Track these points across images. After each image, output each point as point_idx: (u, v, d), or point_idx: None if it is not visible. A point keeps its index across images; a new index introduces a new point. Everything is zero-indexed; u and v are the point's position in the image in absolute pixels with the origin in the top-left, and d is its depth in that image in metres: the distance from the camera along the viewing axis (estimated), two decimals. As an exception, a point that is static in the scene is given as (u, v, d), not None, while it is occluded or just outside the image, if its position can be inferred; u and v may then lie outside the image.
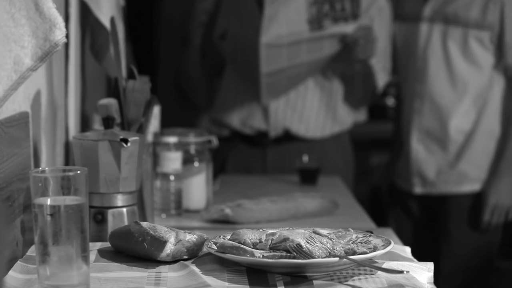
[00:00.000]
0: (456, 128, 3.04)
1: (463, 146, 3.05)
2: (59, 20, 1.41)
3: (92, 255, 1.47)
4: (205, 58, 3.15)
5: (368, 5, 3.05)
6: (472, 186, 3.06)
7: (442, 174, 3.09)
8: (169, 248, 1.43)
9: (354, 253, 1.36)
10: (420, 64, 3.08)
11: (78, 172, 1.26)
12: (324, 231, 1.46)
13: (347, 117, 3.16)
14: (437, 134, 3.07)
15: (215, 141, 2.27)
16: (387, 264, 1.37)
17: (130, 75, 1.85)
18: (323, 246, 1.36)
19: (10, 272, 1.36)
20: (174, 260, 1.44)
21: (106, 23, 2.12)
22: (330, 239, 1.41)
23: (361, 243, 1.42)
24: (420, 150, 3.10)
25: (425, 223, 3.20)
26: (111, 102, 1.77)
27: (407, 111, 3.15)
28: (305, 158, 2.76)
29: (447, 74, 3.04)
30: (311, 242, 1.36)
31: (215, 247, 1.42)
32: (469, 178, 3.06)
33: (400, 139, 3.26)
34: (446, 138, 3.06)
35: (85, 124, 2.37)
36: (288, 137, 3.09)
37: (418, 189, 3.14)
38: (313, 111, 3.08)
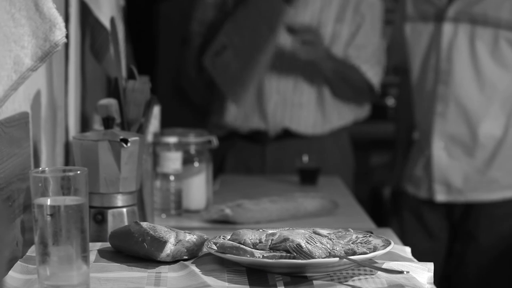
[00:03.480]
0: (486, 134, 2.88)
1: (493, 152, 2.89)
2: (59, 20, 1.41)
3: (92, 255, 1.47)
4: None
5: (358, 1, 3.06)
6: (503, 194, 2.91)
7: (470, 181, 2.91)
8: (169, 248, 1.43)
9: (354, 253, 1.36)
10: (444, 65, 2.90)
11: (78, 172, 1.26)
12: (324, 231, 1.46)
13: (347, 113, 3.16)
14: (464, 139, 2.90)
15: (215, 141, 2.27)
16: (387, 264, 1.37)
17: (130, 75, 1.85)
18: (323, 246, 1.36)
19: (10, 272, 1.36)
20: (174, 260, 1.44)
21: (106, 23, 2.12)
22: (330, 239, 1.41)
23: (361, 243, 1.42)
24: (443, 156, 2.93)
25: (440, 231, 3.02)
26: (111, 102, 1.77)
27: (423, 114, 2.98)
28: (305, 158, 2.76)
29: (474, 77, 2.87)
30: (311, 242, 1.36)
31: (215, 247, 1.42)
32: (500, 185, 2.90)
33: (404, 141, 3.17)
34: (474, 144, 2.89)
35: (85, 124, 2.37)
36: (287, 134, 3.09)
37: (441, 197, 2.96)
38: (312, 108, 3.08)
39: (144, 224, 1.48)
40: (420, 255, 1.63)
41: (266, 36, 3.05)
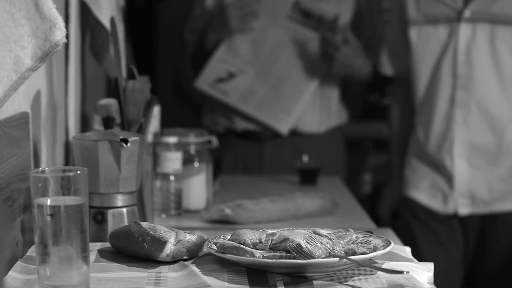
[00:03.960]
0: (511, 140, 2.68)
1: None
2: (59, 20, 1.41)
3: (92, 255, 1.47)
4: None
5: None
6: None
7: (494, 191, 2.71)
8: (169, 248, 1.43)
9: (354, 253, 1.36)
10: (463, 69, 2.68)
11: (78, 172, 1.26)
12: (324, 231, 1.46)
13: (343, 111, 3.17)
14: (488, 147, 2.69)
15: (215, 141, 2.27)
16: (387, 264, 1.37)
17: (130, 75, 1.85)
18: (323, 246, 1.36)
19: (10, 272, 1.36)
20: (174, 260, 1.44)
21: (106, 23, 2.12)
22: (330, 239, 1.41)
23: (361, 243, 1.42)
24: (464, 167, 2.71)
25: (454, 243, 2.80)
26: (111, 102, 1.77)
27: (437, 122, 2.75)
28: (305, 158, 2.76)
29: (496, 79, 2.68)
30: (311, 242, 1.36)
31: (215, 247, 1.42)
32: None
33: (400, 145, 2.96)
34: (499, 152, 2.69)
35: (85, 124, 2.37)
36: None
37: (464, 210, 2.73)
38: (309, 106, 3.08)
39: (144, 224, 1.48)
40: (438, 270, 1.54)
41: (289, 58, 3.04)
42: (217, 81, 3.05)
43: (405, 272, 1.31)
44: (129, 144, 1.64)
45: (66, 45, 2.07)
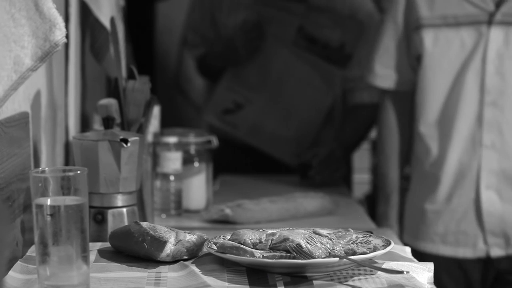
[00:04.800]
0: None
1: None
2: (59, 20, 1.41)
3: (92, 255, 1.47)
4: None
5: (356, 8, 2.97)
6: None
7: None
8: (169, 248, 1.43)
9: (354, 253, 1.36)
10: (493, 82, 2.25)
11: (78, 172, 1.26)
12: (324, 231, 1.46)
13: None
14: None
15: (215, 141, 2.27)
16: (387, 264, 1.37)
17: (130, 75, 1.85)
18: (323, 246, 1.36)
19: (10, 272, 1.36)
20: (174, 260, 1.44)
21: (106, 23, 2.12)
22: (330, 239, 1.41)
23: (361, 243, 1.42)
24: (495, 200, 2.28)
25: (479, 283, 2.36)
26: (111, 102, 1.77)
27: (459, 147, 2.29)
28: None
29: None
30: (311, 242, 1.36)
31: (215, 247, 1.42)
32: None
33: (396, 180, 2.50)
34: None
35: (85, 124, 2.37)
36: None
37: (497, 252, 2.30)
38: None
39: (144, 224, 1.48)
40: None
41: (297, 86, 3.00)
42: (224, 112, 3.01)
43: (405, 272, 1.31)
44: (129, 144, 1.64)
45: (66, 45, 2.07)
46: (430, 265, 1.39)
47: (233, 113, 3.00)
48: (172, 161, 2.14)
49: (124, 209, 1.68)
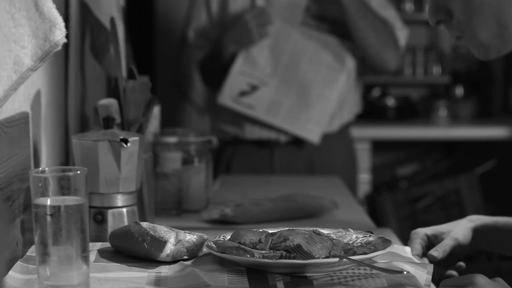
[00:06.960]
0: None
1: None
2: (59, 20, 1.41)
3: (92, 255, 1.47)
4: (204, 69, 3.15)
5: None
6: None
7: None
8: (169, 248, 1.43)
9: (354, 253, 1.36)
10: None
11: (78, 172, 1.26)
12: (324, 231, 1.46)
13: (357, 101, 3.15)
14: None
15: (215, 141, 2.27)
16: (387, 265, 1.37)
17: (130, 75, 1.85)
18: (323, 246, 1.36)
19: (10, 272, 1.36)
20: (174, 260, 1.44)
21: (106, 23, 2.12)
22: (330, 239, 1.41)
23: (361, 243, 1.42)
24: None
25: None
26: (111, 102, 1.77)
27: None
28: None
29: None
30: (311, 242, 1.36)
31: (215, 247, 1.42)
32: None
33: None
34: None
35: (85, 124, 2.37)
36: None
37: None
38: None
39: (144, 224, 1.48)
40: None
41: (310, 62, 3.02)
42: (240, 94, 3.02)
43: (405, 272, 1.31)
44: (129, 144, 1.64)
45: (66, 45, 2.06)
46: (430, 267, 1.38)
47: (249, 95, 3.02)
48: (172, 161, 2.14)
49: (124, 209, 1.68)
